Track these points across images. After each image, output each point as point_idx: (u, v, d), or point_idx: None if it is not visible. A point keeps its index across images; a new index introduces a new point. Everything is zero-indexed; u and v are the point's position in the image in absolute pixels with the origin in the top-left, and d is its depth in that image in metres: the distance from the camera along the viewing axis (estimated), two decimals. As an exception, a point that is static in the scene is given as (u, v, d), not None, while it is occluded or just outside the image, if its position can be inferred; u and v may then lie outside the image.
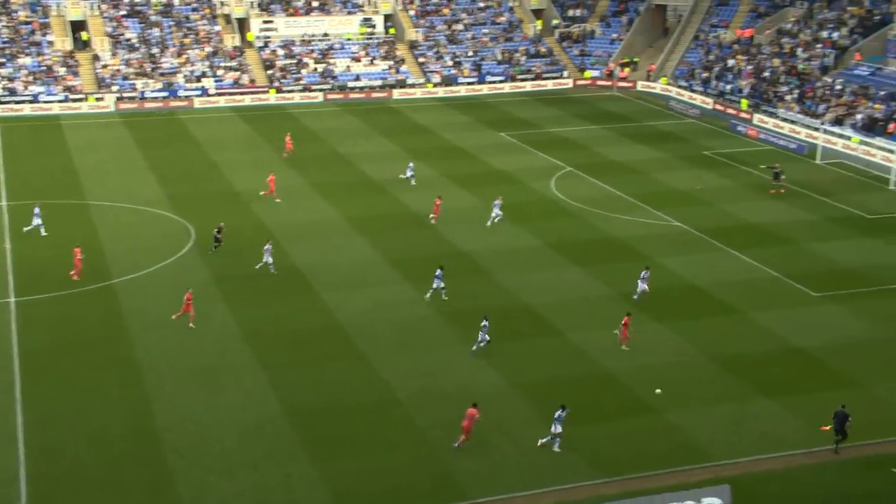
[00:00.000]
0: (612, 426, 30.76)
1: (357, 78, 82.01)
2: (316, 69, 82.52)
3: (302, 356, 35.16)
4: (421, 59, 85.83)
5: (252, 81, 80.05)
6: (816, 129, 64.25)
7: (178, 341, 35.80)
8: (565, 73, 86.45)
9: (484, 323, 35.28)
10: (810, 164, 61.23)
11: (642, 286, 39.37)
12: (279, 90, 79.40)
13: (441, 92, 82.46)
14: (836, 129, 63.57)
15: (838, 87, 69.61)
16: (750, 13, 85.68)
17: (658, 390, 32.08)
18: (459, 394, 32.44)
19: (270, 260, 42.09)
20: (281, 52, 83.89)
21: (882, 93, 66.63)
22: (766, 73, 75.20)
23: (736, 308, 39.30)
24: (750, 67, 77.30)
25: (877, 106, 65.44)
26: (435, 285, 39.45)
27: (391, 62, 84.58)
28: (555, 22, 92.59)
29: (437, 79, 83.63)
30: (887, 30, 72.50)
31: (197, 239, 46.01)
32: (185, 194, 53.17)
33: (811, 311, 39.08)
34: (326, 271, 42.78)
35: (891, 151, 57.96)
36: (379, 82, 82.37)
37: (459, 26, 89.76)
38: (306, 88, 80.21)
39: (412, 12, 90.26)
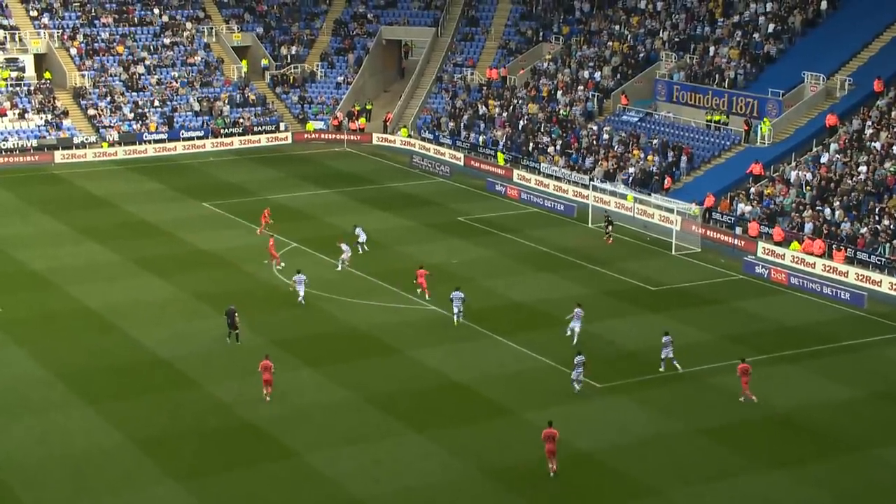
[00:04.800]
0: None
1: (4, 138, 78.66)
2: (-60, 125, 78.65)
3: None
4: (91, 112, 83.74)
5: None
6: (585, 187, 68.42)
7: None
8: (283, 126, 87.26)
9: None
10: (582, 228, 64.83)
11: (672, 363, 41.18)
12: None
13: (121, 153, 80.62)
14: (606, 186, 67.88)
15: (605, 136, 74.56)
16: (499, 50, 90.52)
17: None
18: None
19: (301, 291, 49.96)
20: None
21: (655, 142, 71.85)
22: (524, 121, 79.47)
23: (508, 408, 40.50)
24: (504, 115, 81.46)
25: (650, 158, 70.41)
26: (456, 307, 47.83)
27: (49, 116, 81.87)
28: (264, 62, 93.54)
29: (114, 136, 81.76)
30: (654, 68, 78.60)
31: None
32: None
33: (594, 407, 40.92)
34: (-29, 396, 40.33)
35: (670, 211, 62.36)
36: (34, 142, 79.38)
37: (140, 68, 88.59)
38: (-74, 151, 76.20)
39: (74, 50, 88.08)
